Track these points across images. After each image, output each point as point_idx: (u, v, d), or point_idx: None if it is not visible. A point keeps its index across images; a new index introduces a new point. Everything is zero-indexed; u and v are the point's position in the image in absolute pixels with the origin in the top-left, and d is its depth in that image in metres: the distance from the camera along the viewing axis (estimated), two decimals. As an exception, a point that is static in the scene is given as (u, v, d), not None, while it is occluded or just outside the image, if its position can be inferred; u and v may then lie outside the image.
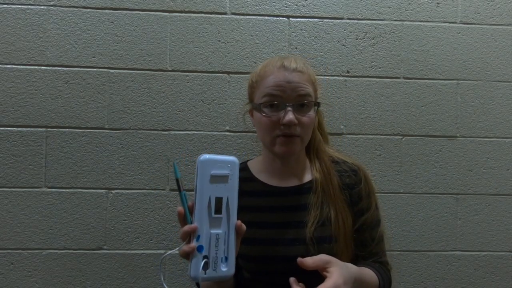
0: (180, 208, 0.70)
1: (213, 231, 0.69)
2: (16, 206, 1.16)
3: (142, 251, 1.19)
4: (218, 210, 0.70)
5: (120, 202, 1.19)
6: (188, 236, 0.68)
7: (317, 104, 0.92)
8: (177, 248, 0.69)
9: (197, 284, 0.90)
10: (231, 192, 0.71)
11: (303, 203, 0.92)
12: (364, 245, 0.94)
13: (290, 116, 0.86)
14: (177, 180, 0.71)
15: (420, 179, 1.24)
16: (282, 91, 0.88)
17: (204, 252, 0.67)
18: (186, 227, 0.68)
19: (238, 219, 0.73)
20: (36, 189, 1.17)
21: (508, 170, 1.26)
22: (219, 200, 0.70)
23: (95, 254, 1.18)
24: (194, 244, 0.67)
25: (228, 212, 0.71)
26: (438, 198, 1.24)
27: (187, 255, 0.68)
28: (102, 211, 1.18)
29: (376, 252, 0.95)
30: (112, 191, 1.19)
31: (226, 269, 0.69)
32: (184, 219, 0.70)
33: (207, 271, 0.67)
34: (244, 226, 0.73)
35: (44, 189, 1.17)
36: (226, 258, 0.70)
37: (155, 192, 1.20)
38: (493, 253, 1.24)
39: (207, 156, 0.70)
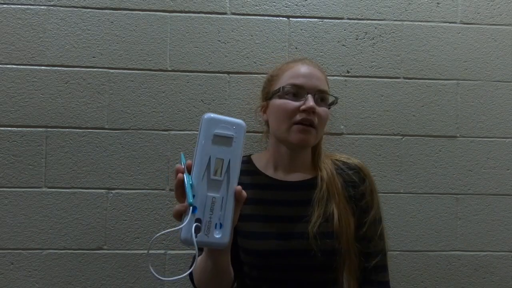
0: (178, 166, 0.64)
1: (210, 193, 0.64)
2: (16, 206, 1.16)
3: (142, 251, 1.19)
4: (217, 172, 0.64)
5: (120, 202, 1.19)
6: (183, 213, 0.63)
7: (335, 101, 0.98)
8: (172, 229, 0.62)
9: (192, 271, 0.81)
10: (233, 156, 0.66)
11: (308, 198, 0.93)
12: (368, 241, 0.95)
13: (311, 102, 0.89)
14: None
15: (420, 179, 1.24)
16: (304, 82, 0.92)
17: (198, 215, 0.62)
18: (179, 206, 0.63)
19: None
20: (36, 189, 1.17)
21: (508, 170, 1.26)
22: (219, 162, 0.65)
23: (95, 254, 1.18)
24: (187, 203, 0.61)
25: (228, 176, 0.65)
26: (438, 198, 1.24)
27: (180, 215, 0.63)
28: (102, 211, 1.18)
29: (380, 249, 0.96)
30: (112, 191, 1.19)
31: (220, 236, 0.63)
32: (182, 187, 0.63)
33: (198, 235, 0.61)
34: (244, 193, 0.67)
35: (44, 189, 1.17)
36: (221, 225, 0.64)
37: (155, 192, 1.20)
38: (493, 253, 1.24)
39: (212, 115, 0.65)
